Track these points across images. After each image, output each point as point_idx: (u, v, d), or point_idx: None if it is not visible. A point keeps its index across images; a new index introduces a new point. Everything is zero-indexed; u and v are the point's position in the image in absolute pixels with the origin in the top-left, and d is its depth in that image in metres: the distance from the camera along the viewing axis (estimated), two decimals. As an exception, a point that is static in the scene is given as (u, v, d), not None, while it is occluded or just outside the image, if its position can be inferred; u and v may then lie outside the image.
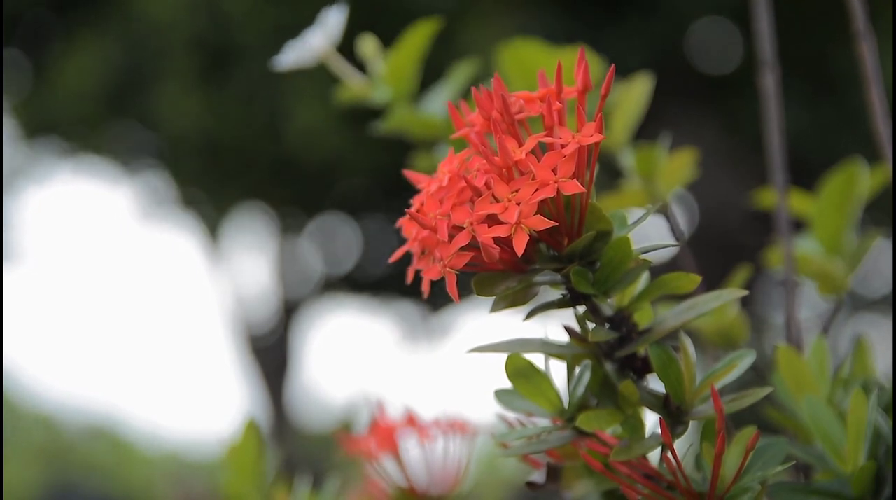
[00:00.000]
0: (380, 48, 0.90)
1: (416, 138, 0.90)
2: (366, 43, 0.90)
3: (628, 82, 0.88)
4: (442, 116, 0.89)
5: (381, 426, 0.83)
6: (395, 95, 0.89)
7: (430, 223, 0.55)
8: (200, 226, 5.44)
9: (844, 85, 3.71)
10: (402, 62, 0.89)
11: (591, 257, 0.57)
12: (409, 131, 0.90)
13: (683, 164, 0.88)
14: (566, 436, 0.60)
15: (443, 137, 0.89)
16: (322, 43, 0.87)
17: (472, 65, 0.90)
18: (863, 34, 0.81)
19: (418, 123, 0.89)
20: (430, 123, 0.89)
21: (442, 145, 0.89)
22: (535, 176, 0.54)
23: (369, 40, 0.90)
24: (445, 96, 0.89)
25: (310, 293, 5.82)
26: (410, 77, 0.90)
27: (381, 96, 0.89)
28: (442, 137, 0.89)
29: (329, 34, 0.87)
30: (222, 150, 4.30)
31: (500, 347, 0.60)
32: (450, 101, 0.60)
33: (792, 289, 0.84)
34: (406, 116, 0.89)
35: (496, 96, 0.56)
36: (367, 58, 0.90)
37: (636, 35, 3.67)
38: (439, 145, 0.89)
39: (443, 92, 0.90)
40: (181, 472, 7.00)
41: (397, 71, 0.89)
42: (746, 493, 0.58)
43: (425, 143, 0.90)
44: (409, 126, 0.89)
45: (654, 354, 0.59)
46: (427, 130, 0.89)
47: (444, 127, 0.89)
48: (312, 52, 0.87)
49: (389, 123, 0.89)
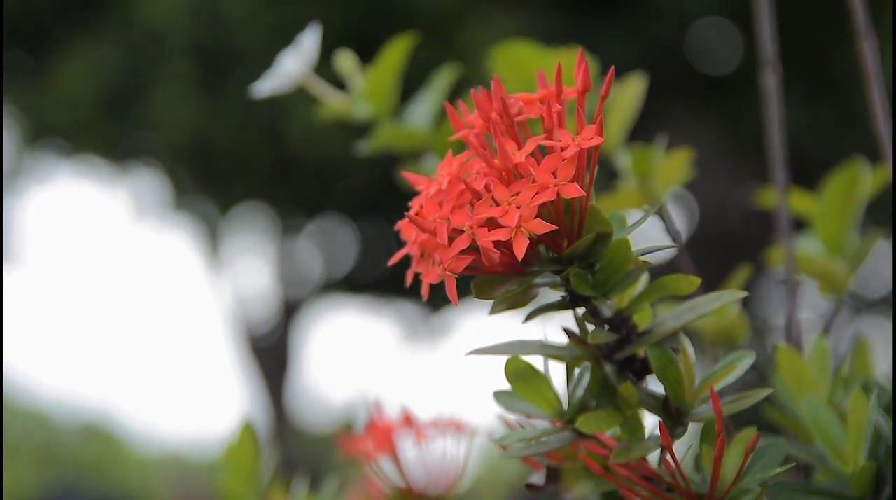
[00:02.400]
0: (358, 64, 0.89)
1: (402, 152, 0.89)
2: (343, 59, 0.89)
3: (622, 82, 0.88)
4: (426, 127, 0.88)
5: (378, 426, 0.83)
6: (376, 110, 0.88)
7: (429, 226, 0.55)
8: (200, 226, 5.44)
9: (845, 85, 3.72)
10: (382, 78, 0.88)
11: (591, 259, 0.57)
12: (395, 146, 0.89)
13: (679, 164, 0.88)
14: (565, 438, 0.60)
15: (429, 148, 0.88)
16: (298, 66, 0.86)
17: (453, 71, 0.89)
18: (864, 33, 0.81)
19: (403, 137, 0.88)
20: (415, 136, 0.87)
21: (428, 156, 0.88)
22: (535, 179, 0.54)
23: (347, 56, 0.89)
24: (428, 106, 0.88)
25: (309, 294, 5.83)
26: (391, 93, 0.88)
27: (362, 113, 0.88)
28: (428, 149, 0.88)
29: (304, 57, 0.86)
30: (221, 152, 4.30)
31: (500, 349, 0.60)
32: (446, 103, 0.60)
33: (793, 289, 0.83)
34: (390, 132, 0.88)
35: (495, 98, 0.56)
36: (346, 74, 0.89)
37: (636, 35, 3.67)
38: (425, 157, 0.88)
39: (426, 101, 0.89)
40: (179, 473, 7.00)
41: (377, 87, 0.88)
42: (746, 494, 0.57)
43: (411, 155, 0.89)
44: (394, 141, 0.88)
45: (653, 355, 0.59)
46: (412, 143, 0.88)
47: (430, 138, 0.88)
48: (289, 76, 0.86)
49: (375, 141, 0.88)
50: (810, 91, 3.72)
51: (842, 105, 3.76)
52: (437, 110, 0.88)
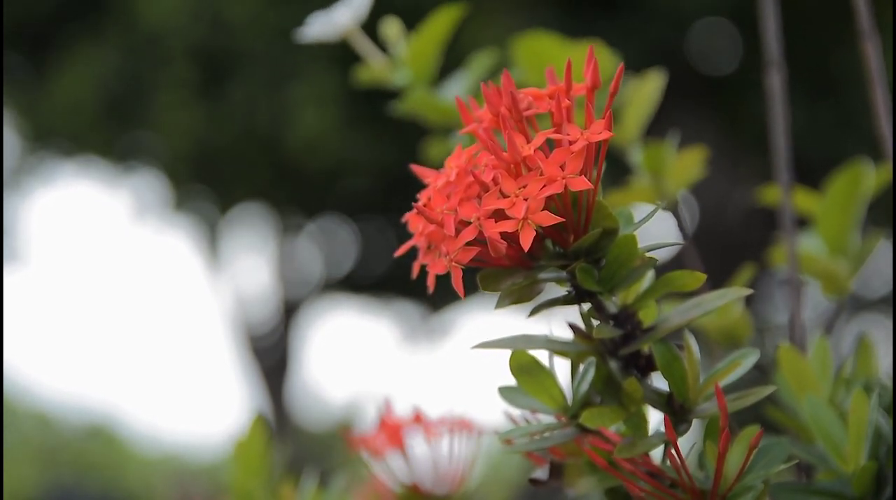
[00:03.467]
0: (403, 31, 0.91)
1: (430, 124, 0.90)
2: (389, 25, 0.90)
3: (641, 78, 0.88)
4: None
5: (388, 423, 0.82)
6: (416, 78, 0.89)
7: (437, 218, 0.55)
8: (200, 226, 5.44)
9: (846, 85, 3.72)
10: (425, 46, 0.89)
11: (597, 255, 0.57)
12: (425, 116, 0.90)
13: (692, 162, 0.88)
14: (570, 433, 0.60)
15: (457, 125, 0.89)
16: (348, 19, 0.87)
17: (490, 55, 0.90)
18: (867, 33, 0.81)
19: (435, 109, 0.89)
20: (446, 110, 0.89)
21: (456, 133, 0.89)
22: (543, 172, 0.54)
23: (393, 22, 0.90)
24: (464, 85, 0.90)
25: (310, 293, 5.83)
26: (432, 61, 0.90)
27: (401, 79, 0.89)
28: (456, 125, 0.89)
29: (355, 12, 0.87)
30: (222, 156, 4.30)
31: (505, 343, 0.60)
32: (461, 94, 0.60)
33: (796, 288, 0.83)
34: (423, 99, 0.89)
35: (505, 92, 0.56)
36: (390, 40, 0.90)
37: (636, 35, 3.67)
38: (454, 133, 0.89)
39: (461, 81, 0.90)
40: (180, 473, 6.99)
41: (419, 54, 0.89)
42: (749, 492, 0.57)
43: (439, 129, 0.90)
44: (425, 110, 0.89)
45: (658, 352, 0.59)
46: (442, 117, 0.89)
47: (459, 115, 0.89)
48: (337, 27, 0.87)
49: (407, 104, 0.89)
50: (811, 91, 3.72)
51: (842, 105, 3.76)
52: (472, 89, 0.89)
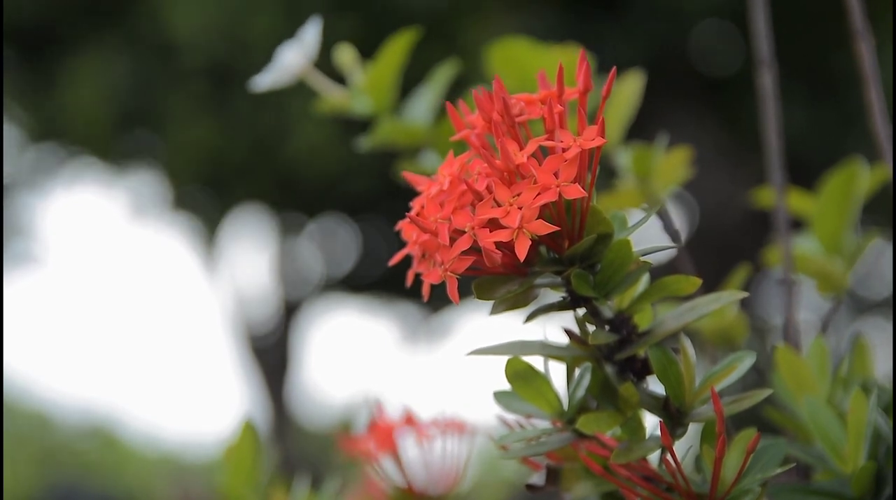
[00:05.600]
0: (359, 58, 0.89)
1: (400, 147, 0.89)
2: (343, 53, 0.89)
3: (619, 80, 0.87)
4: (425, 123, 0.88)
5: (379, 425, 0.82)
6: (376, 106, 0.88)
7: (430, 227, 0.55)
8: (200, 227, 5.44)
9: (843, 85, 3.71)
10: (382, 73, 0.87)
11: (592, 260, 0.57)
12: (395, 142, 0.88)
13: (679, 162, 0.88)
14: (566, 438, 0.60)
15: (428, 144, 0.88)
16: (299, 60, 0.86)
17: (451, 67, 0.88)
18: (861, 33, 0.81)
19: (402, 133, 0.87)
20: (414, 131, 0.87)
21: (426, 152, 0.88)
22: (537, 180, 0.54)
23: (347, 50, 0.89)
24: (428, 101, 0.88)
25: (310, 294, 5.82)
26: (391, 88, 0.88)
27: (362, 107, 0.88)
28: (427, 144, 0.88)
29: (305, 50, 0.86)
30: (226, 162, 4.30)
31: (500, 349, 0.60)
32: (447, 102, 0.60)
33: (790, 288, 0.84)
34: (390, 127, 0.87)
35: (497, 98, 0.56)
36: (346, 69, 0.89)
37: (637, 36, 3.67)
38: (423, 152, 0.88)
39: (425, 97, 0.89)
40: (179, 473, 6.99)
41: (377, 82, 0.87)
42: (747, 495, 0.57)
43: (410, 151, 0.89)
44: (393, 137, 0.88)
45: (654, 356, 0.59)
46: (412, 139, 0.88)
47: (429, 133, 0.87)
48: (290, 70, 0.86)
49: (376, 137, 0.88)
50: (809, 91, 3.72)
51: (841, 105, 3.76)
52: (436, 106, 0.88)
